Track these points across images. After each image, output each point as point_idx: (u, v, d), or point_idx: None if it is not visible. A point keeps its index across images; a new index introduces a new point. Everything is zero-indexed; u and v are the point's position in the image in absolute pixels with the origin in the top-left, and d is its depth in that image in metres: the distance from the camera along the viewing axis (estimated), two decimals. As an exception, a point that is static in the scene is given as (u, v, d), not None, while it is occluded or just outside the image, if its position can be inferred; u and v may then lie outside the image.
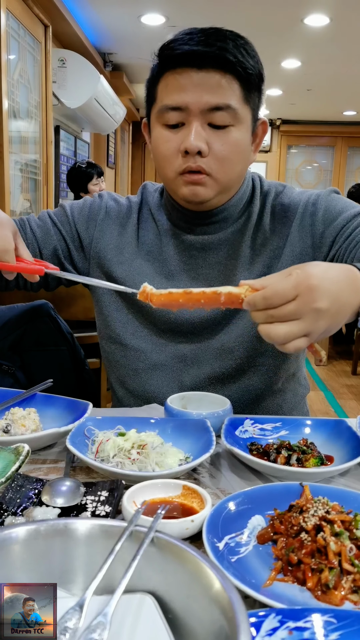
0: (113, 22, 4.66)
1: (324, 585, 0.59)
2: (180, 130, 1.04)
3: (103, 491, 0.75)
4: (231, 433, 0.94)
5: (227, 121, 1.02)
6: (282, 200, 1.17)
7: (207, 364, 1.16)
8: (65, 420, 0.98)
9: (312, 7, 4.20)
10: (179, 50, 1.00)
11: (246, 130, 1.06)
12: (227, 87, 1.01)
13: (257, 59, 1.05)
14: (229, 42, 1.00)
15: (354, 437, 0.92)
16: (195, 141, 1.00)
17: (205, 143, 1.02)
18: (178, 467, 0.83)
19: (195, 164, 1.03)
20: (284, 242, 1.14)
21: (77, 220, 1.23)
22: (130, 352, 1.20)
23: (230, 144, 1.03)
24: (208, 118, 1.01)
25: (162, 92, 1.04)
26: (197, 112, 1.01)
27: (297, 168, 9.22)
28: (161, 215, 1.20)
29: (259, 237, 1.16)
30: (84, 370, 1.64)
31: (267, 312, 0.72)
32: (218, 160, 1.03)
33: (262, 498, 0.74)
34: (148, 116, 1.12)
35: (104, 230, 1.22)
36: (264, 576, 0.62)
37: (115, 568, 0.50)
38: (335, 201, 1.14)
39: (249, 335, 1.14)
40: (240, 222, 1.16)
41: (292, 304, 0.71)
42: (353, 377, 4.92)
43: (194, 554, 0.49)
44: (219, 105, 1.00)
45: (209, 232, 1.14)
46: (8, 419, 0.94)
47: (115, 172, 7.30)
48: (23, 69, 3.69)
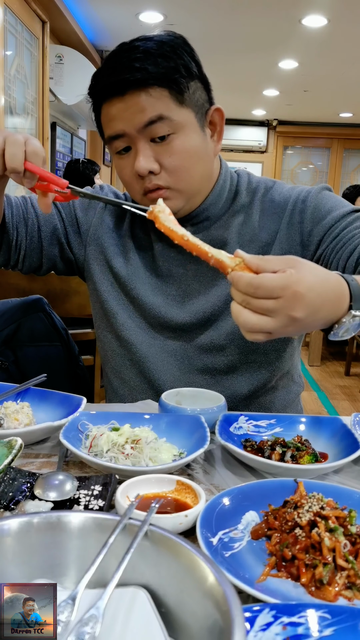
0: (111, 19, 4.65)
1: (318, 581, 0.58)
2: (130, 155, 1.05)
3: (96, 485, 0.75)
4: (225, 429, 0.94)
5: (166, 131, 1.02)
6: (272, 196, 1.16)
7: (198, 359, 1.16)
8: (58, 414, 0.98)
9: (310, 8, 4.20)
10: (99, 86, 1.04)
11: (192, 131, 1.05)
12: (153, 101, 1.00)
13: (181, 52, 1.02)
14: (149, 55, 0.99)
15: (348, 435, 0.92)
16: (143, 163, 1.02)
17: (155, 161, 1.03)
18: (172, 463, 0.82)
19: (151, 184, 1.04)
20: (272, 239, 1.14)
21: (76, 206, 1.24)
22: (123, 342, 1.20)
23: (178, 153, 1.03)
24: (147, 134, 1.02)
25: (103, 124, 1.07)
26: (135, 134, 1.02)
27: (292, 169, 9.23)
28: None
29: (247, 233, 1.15)
30: (78, 366, 1.63)
31: (245, 297, 0.71)
32: (172, 172, 1.04)
33: (256, 494, 0.73)
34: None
35: (103, 219, 1.23)
36: (258, 571, 0.61)
37: (108, 561, 0.49)
38: (325, 199, 1.13)
39: (239, 332, 1.13)
40: (224, 219, 1.16)
41: (272, 302, 0.70)
42: (346, 377, 4.93)
43: (188, 547, 0.49)
44: (151, 119, 1.01)
45: (195, 231, 1.14)
46: (1, 413, 0.94)
47: (112, 170, 7.28)
48: (20, 64, 3.68)
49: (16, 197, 1.22)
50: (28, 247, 1.21)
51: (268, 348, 1.16)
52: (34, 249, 1.22)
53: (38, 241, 1.21)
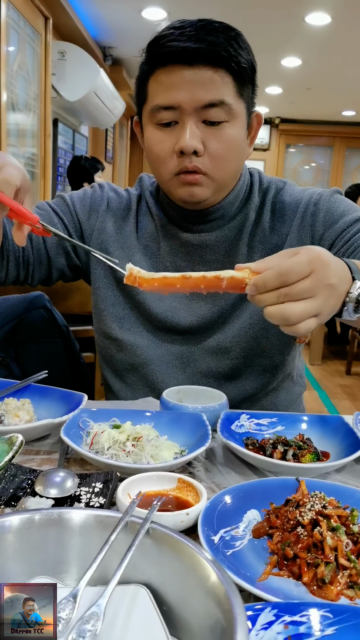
0: (114, 16, 4.64)
1: (319, 580, 0.58)
2: (173, 130, 1.01)
3: (97, 483, 0.75)
4: (227, 427, 0.94)
5: (221, 117, 1.00)
6: (283, 197, 1.15)
7: (203, 362, 1.15)
8: (59, 411, 0.97)
9: (314, 6, 4.19)
10: (169, 48, 0.97)
11: (241, 125, 1.04)
12: (220, 83, 0.98)
13: (249, 50, 1.03)
14: (220, 35, 0.97)
15: (350, 434, 0.91)
16: (190, 141, 0.98)
17: (201, 142, 0.99)
18: (173, 460, 0.82)
19: (191, 164, 1.00)
20: (282, 241, 1.13)
21: (78, 211, 1.21)
22: (127, 347, 1.18)
23: (225, 141, 1.01)
24: (202, 115, 0.99)
25: (153, 91, 1.02)
26: (191, 110, 0.98)
27: (294, 167, 9.22)
28: (158, 211, 1.18)
29: (258, 234, 1.14)
30: (79, 363, 1.63)
31: (280, 291, 0.69)
32: (214, 159, 1.01)
33: (258, 492, 0.73)
34: (140, 114, 1.09)
35: (105, 222, 1.20)
36: (259, 570, 0.61)
37: (109, 559, 0.49)
38: (337, 203, 1.12)
39: (245, 335, 1.13)
40: (237, 219, 1.14)
41: (307, 281, 0.69)
42: (347, 377, 4.93)
43: (190, 545, 0.49)
44: (212, 102, 0.98)
45: (206, 230, 1.13)
46: (2, 410, 0.93)
47: (113, 167, 7.27)
48: (22, 60, 3.67)
49: None
50: (35, 261, 1.17)
51: (273, 351, 1.15)
52: (42, 262, 1.18)
53: (45, 253, 1.18)
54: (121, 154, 7.98)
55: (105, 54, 5.62)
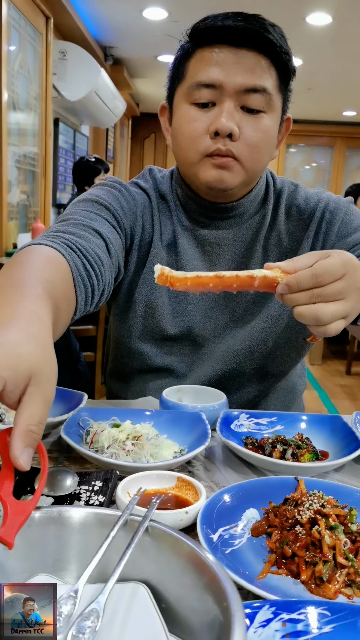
0: (115, 15, 4.64)
1: (317, 579, 0.59)
2: (210, 110, 0.97)
3: (97, 481, 0.75)
4: (226, 426, 0.94)
5: (261, 105, 0.97)
6: (298, 201, 1.13)
7: (209, 366, 1.15)
8: (59, 410, 0.97)
9: (315, 6, 4.19)
10: (220, 24, 0.95)
11: (277, 119, 1.02)
12: (264, 70, 0.96)
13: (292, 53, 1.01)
14: (270, 28, 0.96)
15: (349, 434, 0.92)
16: (227, 122, 0.94)
17: (237, 126, 0.96)
18: (173, 459, 0.82)
19: (225, 147, 0.96)
20: (296, 246, 1.12)
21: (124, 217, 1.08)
22: (135, 354, 1.16)
23: (261, 131, 0.98)
24: (242, 100, 0.96)
25: (194, 68, 0.98)
26: (232, 92, 0.95)
27: (295, 167, 9.22)
28: (175, 205, 1.13)
29: (273, 236, 1.12)
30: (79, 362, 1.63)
31: (313, 292, 0.69)
32: (248, 146, 0.98)
33: (257, 491, 0.73)
34: (171, 97, 1.05)
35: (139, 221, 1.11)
36: (258, 568, 0.62)
37: (109, 557, 0.49)
38: (352, 216, 1.10)
39: (256, 339, 1.12)
40: (255, 219, 1.12)
41: (339, 283, 0.70)
42: (347, 376, 4.93)
43: (189, 543, 0.49)
44: (255, 87, 0.95)
45: (224, 227, 1.10)
46: (2, 408, 0.94)
47: (114, 167, 7.28)
48: (23, 60, 3.67)
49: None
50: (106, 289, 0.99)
51: (285, 357, 1.15)
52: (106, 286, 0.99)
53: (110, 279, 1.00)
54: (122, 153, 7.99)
55: (106, 54, 5.62)
